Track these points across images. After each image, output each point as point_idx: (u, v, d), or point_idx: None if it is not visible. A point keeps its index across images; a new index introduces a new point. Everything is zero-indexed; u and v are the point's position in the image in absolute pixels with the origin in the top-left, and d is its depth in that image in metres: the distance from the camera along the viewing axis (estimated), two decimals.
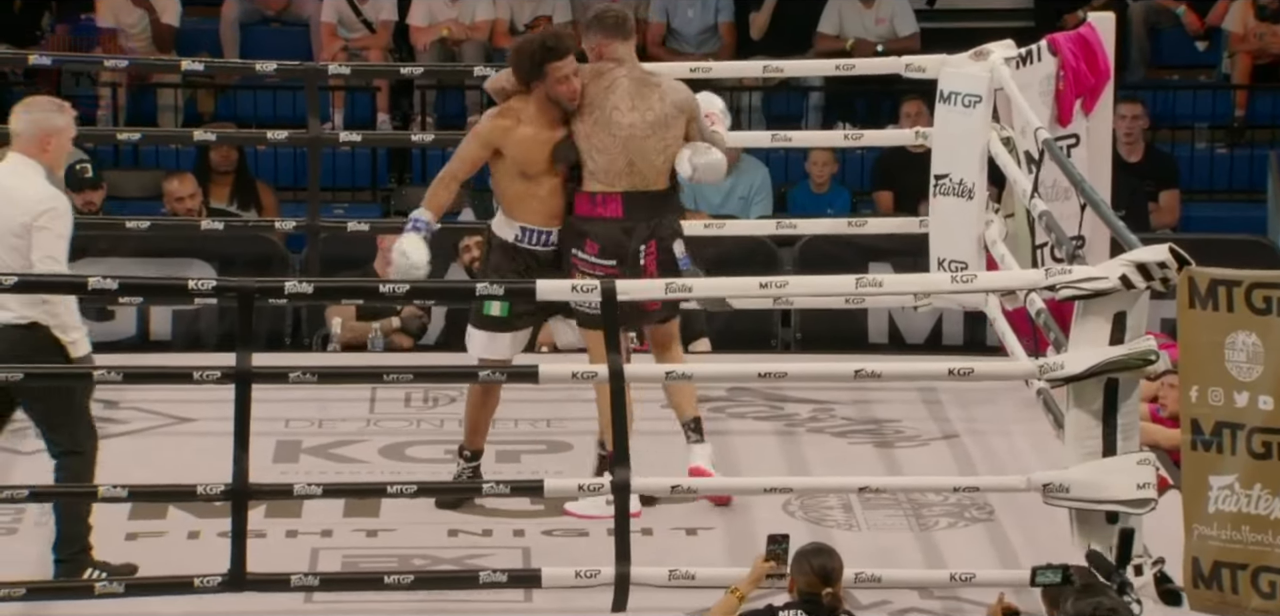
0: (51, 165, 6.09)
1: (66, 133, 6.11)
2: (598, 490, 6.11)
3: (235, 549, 5.90)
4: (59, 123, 6.08)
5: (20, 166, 6.06)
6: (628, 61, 6.61)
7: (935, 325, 9.23)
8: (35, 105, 6.15)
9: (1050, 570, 5.37)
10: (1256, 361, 5.57)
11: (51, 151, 6.06)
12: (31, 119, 6.07)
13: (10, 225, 5.98)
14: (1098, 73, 7.40)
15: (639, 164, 6.52)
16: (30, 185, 6.01)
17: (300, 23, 11.46)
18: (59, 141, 6.08)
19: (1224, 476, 5.63)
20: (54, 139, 6.06)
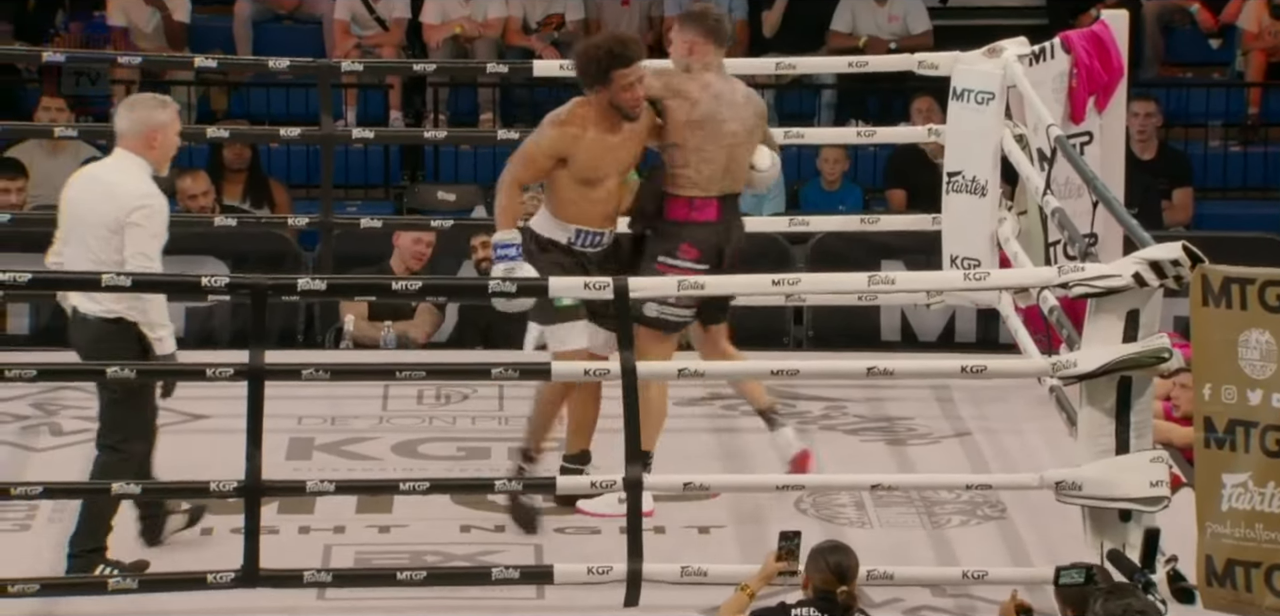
0: (157, 161, 6.15)
1: (171, 127, 6.19)
2: (609, 487, 6.11)
3: (248, 545, 5.91)
4: (163, 118, 6.15)
5: (124, 162, 6.14)
6: (719, 66, 6.62)
7: (948, 322, 9.22)
8: (139, 102, 6.25)
9: (1074, 570, 5.36)
10: (1270, 359, 5.56)
11: (157, 147, 6.13)
12: (135, 116, 6.15)
13: (105, 219, 6.06)
14: (1111, 70, 7.39)
15: (734, 169, 6.58)
16: (131, 181, 6.09)
17: (313, 20, 11.47)
18: (164, 136, 6.16)
19: (1237, 474, 5.62)
20: (159, 134, 6.14)
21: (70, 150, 10.17)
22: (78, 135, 9.63)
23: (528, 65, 8.62)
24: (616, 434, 6.09)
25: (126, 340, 6.06)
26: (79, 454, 6.80)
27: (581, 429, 6.60)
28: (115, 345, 6.05)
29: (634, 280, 6.05)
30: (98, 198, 6.13)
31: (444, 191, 10.54)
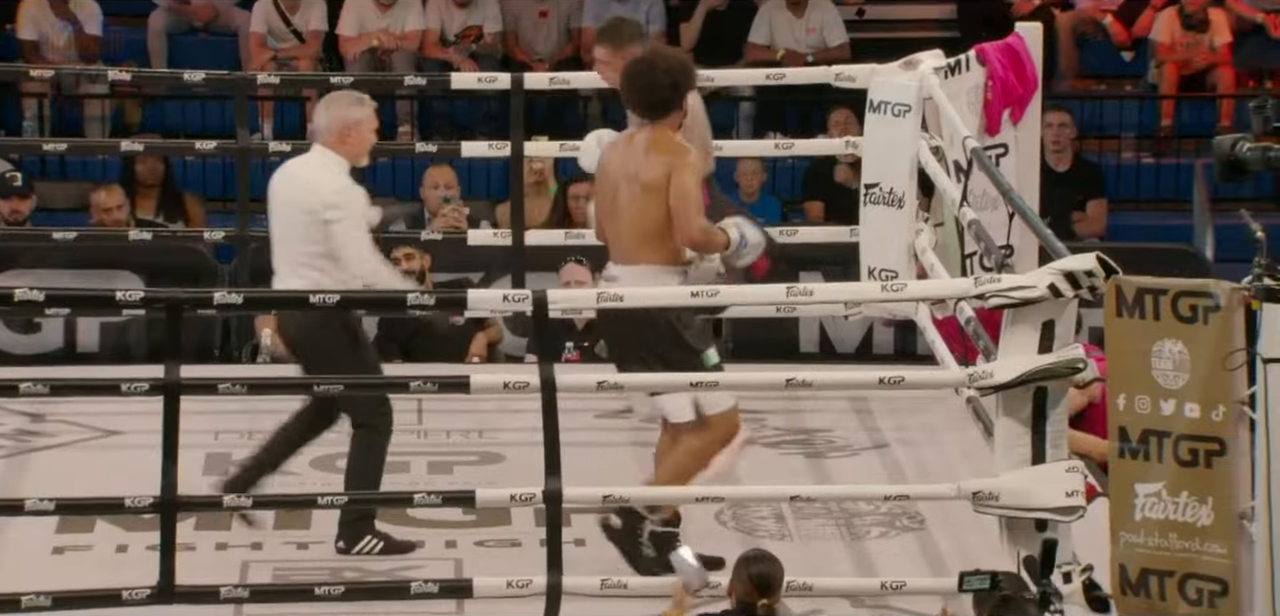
0: (351, 157, 6.35)
1: (367, 124, 6.40)
2: (529, 500, 6.09)
3: (164, 562, 5.86)
4: (358, 115, 6.37)
5: (321, 158, 6.37)
6: None
7: (866, 334, 9.27)
8: (335, 100, 6.43)
9: (978, 576, 5.39)
10: (1183, 369, 5.61)
11: (351, 143, 6.34)
12: (332, 113, 6.36)
13: (302, 209, 6.31)
14: (1025, 82, 7.44)
15: None
16: (325, 176, 6.32)
17: (229, 33, 11.40)
18: (358, 134, 6.37)
19: (1151, 484, 5.67)
20: (353, 131, 6.34)
21: None
22: None
23: (446, 78, 8.61)
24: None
25: (333, 325, 6.27)
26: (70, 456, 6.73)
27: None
28: (327, 332, 6.27)
29: (553, 295, 6.04)
30: (295, 191, 6.37)
31: None
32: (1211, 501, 5.60)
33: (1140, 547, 5.69)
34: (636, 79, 6.19)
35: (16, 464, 7.12)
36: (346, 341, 6.33)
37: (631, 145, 6.22)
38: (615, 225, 6.20)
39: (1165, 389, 5.63)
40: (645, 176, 6.14)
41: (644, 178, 6.13)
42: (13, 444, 7.28)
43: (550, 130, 9.52)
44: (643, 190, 6.13)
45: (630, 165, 6.18)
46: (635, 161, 6.17)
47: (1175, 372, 5.62)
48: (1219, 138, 5.50)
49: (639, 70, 6.22)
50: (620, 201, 6.17)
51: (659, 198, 6.11)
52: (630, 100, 6.22)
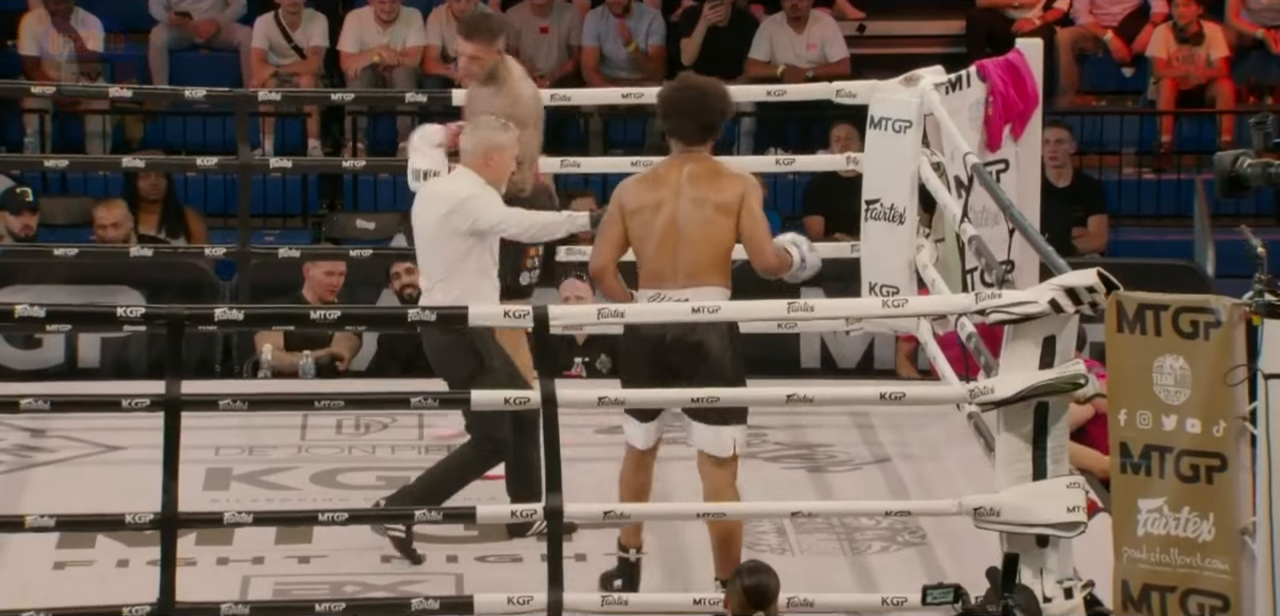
0: (494, 179, 6.62)
1: (510, 150, 6.68)
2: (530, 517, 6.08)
3: (164, 578, 5.86)
4: (502, 140, 6.65)
5: (462, 175, 6.64)
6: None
7: (867, 350, 9.26)
8: (482, 124, 6.72)
9: (940, 590, 5.38)
10: (1184, 385, 5.61)
11: (494, 166, 6.62)
12: (477, 136, 6.65)
13: (438, 222, 6.57)
14: (1026, 98, 7.45)
15: None
16: (459, 185, 6.61)
17: (230, 49, 11.40)
18: (500, 158, 6.64)
19: (1153, 499, 5.67)
20: (496, 155, 6.62)
21: None
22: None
23: (447, 94, 8.61)
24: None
25: (462, 344, 6.44)
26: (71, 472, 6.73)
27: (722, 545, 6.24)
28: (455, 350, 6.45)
29: (554, 310, 6.04)
30: (433, 207, 6.63)
31: (363, 220, 10.50)
32: (1213, 517, 5.60)
33: (1142, 563, 5.69)
34: (689, 105, 6.19)
35: (17, 479, 7.12)
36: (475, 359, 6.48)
37: (685, 169, 6.17)
38: (675, 250, 6.12)
39: (1166, 404, 5.62)
40: (719, 199, 6.14)
41: (717, 200, 6.13)
42: (13, 459, 7.28)
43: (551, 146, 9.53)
44: (717, 212, 6.13)
45: (695, 189, 6.14)
46: (701, 185, 6.15)
47: (1176, 388, 5.62)
48: (1220, 154, 5.50)
49: (691, 96, 6.22)
50: (687, 225, 6.12)
51: (732, 221, 6.14)
52: (681, 126, 6.19)
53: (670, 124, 6.22)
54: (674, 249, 6.13)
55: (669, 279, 6.13)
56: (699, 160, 6.20)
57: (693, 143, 6.20)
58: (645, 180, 6.25)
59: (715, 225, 6.12)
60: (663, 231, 6.13)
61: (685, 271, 6.12)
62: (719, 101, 6.23)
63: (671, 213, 6.13)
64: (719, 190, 6.14)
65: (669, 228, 6.13)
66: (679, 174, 6.18)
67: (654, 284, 6.15)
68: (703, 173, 6.17)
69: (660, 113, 6.26)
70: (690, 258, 6.12)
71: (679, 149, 6.22)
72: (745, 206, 6.14)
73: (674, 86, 6.31)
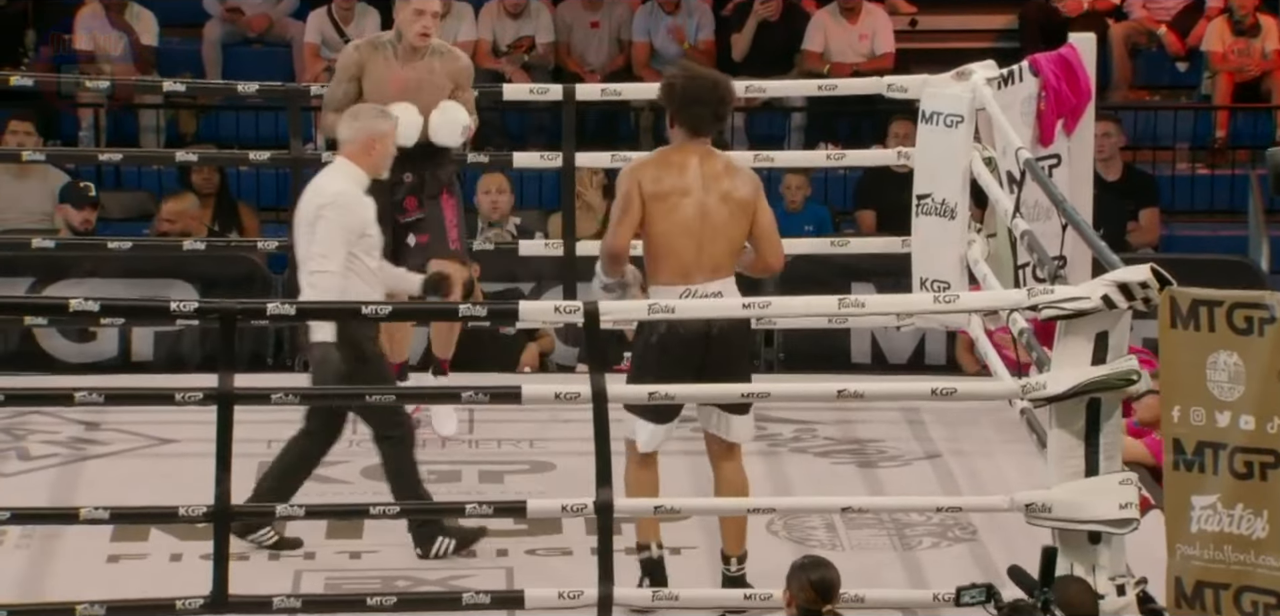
0: (373, 169, 6.46)
1: (391, 137, 6.51)
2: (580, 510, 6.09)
3: (217, 571, 5.89)
4: (384, 128, 6.47)
5: (338, 166, 6.45)
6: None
7: (918, 345, 9.24)
8: (361, 112, 6.53)
9: (975, 589, 5.36)
10: (1238, 381, 5.58)
11: (375, 155, 6.43)
12: (358, 126, 6.46)
13: (306, 216, 6.38)
14: (1079, 93, 7.41)
15: None
16: (331, 180, 6.39)
17: (283, 43, 11.45)
18: (383, 147, 6.46)
19: (1206, 496, 5.64)
20: (378, 144, 6.44)
21: (37, 174, 10.13)
22: (46, 159, 9.62)
23: (498, 88, 8.62)
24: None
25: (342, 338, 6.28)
26: (47, 478, 6.79)
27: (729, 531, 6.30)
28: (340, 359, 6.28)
29: (604, 306, 6.03)
30: (309, 197, 6.43)
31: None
32: (1267, 514, 5.57)
33: (1196, 560, 5.66)
34: (705, 94, 6.16)
35: (71, 472, 7.17)
36: (355, 358, 6.30)
37: (702, 163, 6.15)
38: (700, 243, 6.12)
39: (1220, 401, 5.59)
40: (739, 194, 6.15)
41: (738, 196, 6.15)
42: (68, 452, 7.33)
43: (602, 141, 9.53)
44: (739, 207, 6.14)
45: (718, 183, 6.14)
46: (722, 179, 6.14)
47: (1230, 384, 5.59)
48: (1273, 149, 5.47)
49: (706, 85, 6.20)
50: (714, 218, 6.12)
51: (748, 218, 6.15)
52: (696, 115, 6.15)
53: (685, 113, 6.16)
54: (699, 242, 6.12)
55: (695, 274, 6.13)
56: (710, 153, 6.20)
57: (705, 133, 6.18)
58: (662, 165, 6.19)
59: (737, 220, 6.15)
60: (689, 223, 6.11)
61: (710, 265, 6.13)
62: (729, 91, 6.25)
63: (700, 204, 6.12)
64: (737, 185, 6.16)
65: (697, 220, 6.12)
66: (697, 164, 6.16)
67: (681, 278, 6.12)
68: (721, 167, 6.18)
69: (671, 101, 6.19)
70: (715, 251, 6.13)
71: (687, 138, 6.18)
72: (762, 205, 6.19)
73: (685, 75, 6.27)
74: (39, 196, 10.15)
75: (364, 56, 7.11)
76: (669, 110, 6.21)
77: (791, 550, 6.44)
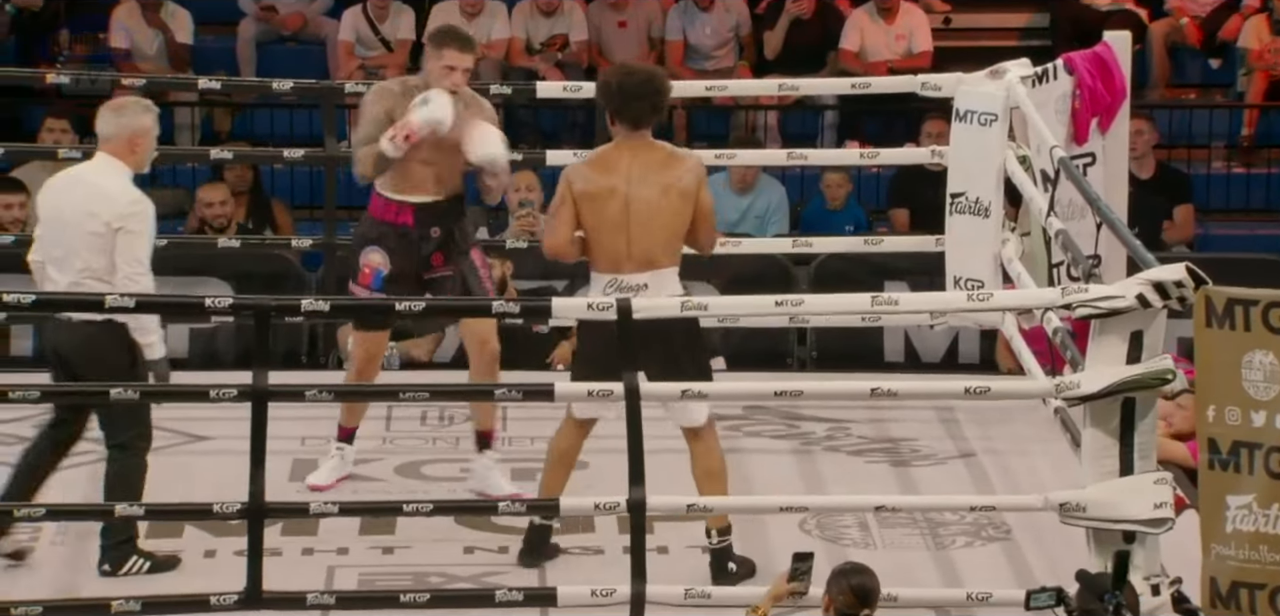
0: (138, 165, 6.25)
1: (154, 132, 6.31)
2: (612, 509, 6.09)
3: (251, 567, 5.91)
4: (146, 123, 6.26)
5: (108, 165, 6.23)
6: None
7: (951, 343, 9.22)
8: (124, 107, 6.31)
9: (1045, 593, 5.35)
10: (1274, 381, 5.56)
11: (139, 152, 6.23)
12: (121, 121, 6.24)
13: (94, 223, 6.13)
14: (1114, 91, 7.39)
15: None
16: (118, 184, 6.18)
17: (317, 41, 11.48)
18: (146, 142, 6.27)
19: (1242, 496, 5.62)
20: (142, 140, 6.25)
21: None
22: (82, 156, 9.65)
23: (532, 86, 8.63)
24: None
25: (115, 341, 6.11)
26: (85, 474, 6.82)
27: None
28: (105, 347, 6.10)
29: (637, 302, 6.04)
30: (84, 200, 6.18)
31: None
32: None
33: (1231, 560, 5.64)
34: (642, 88, 6.27)
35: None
36: (129, 360, 6.16)
37: (638, 155, 6.26)
38: (629, 235, 6.24)
39: (1256, 400, 5.57)
40: (681, 184, 6.26)
41: (680, 186, 6.26)
42: (102, 449, 7.35)
43: None
44: (680, 197, 6.25)
45: (654, 174, 6.25)
46: (659, 170, 6.26)
47: (1266, 384, 5.56)
48: None
49: (642, 80, 6.31)
50: (646, 210, 6.23)
51: (691, 205, 6.26)
52: (635, 109, 6.25)
53: (624, 108, 6.27)
54: (628, 235, 6.24)
55: (624, 265, 6.26)
56: (650, 145, 6.30)
57: (643, 126, 6.28)
58: (595, 164, 6.34)
59: (675, 210, 6.25)
60: (616, 217, 6.24)
61: (641, 258, 6.24)
62: (666, 83, 6.36)
63: (624, 199, 6.24)
64: (679, 175, 6.26)
65: (622, 213, 6.23)
66: (630, 159, 6.27)
67: (610, 270, 6.26)
68: (658, 158, 6.29)
69: (607, 98, 6.31)
70: (645, 242, 6.23)
71: (626, 134, 6.28)
72: (703, 193, 6.29)
73: (622, 72, 6.40)
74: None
75: (392, 102, 6.80)
76: (608, 108, 6.31)
77: (824, 549, 6.43)
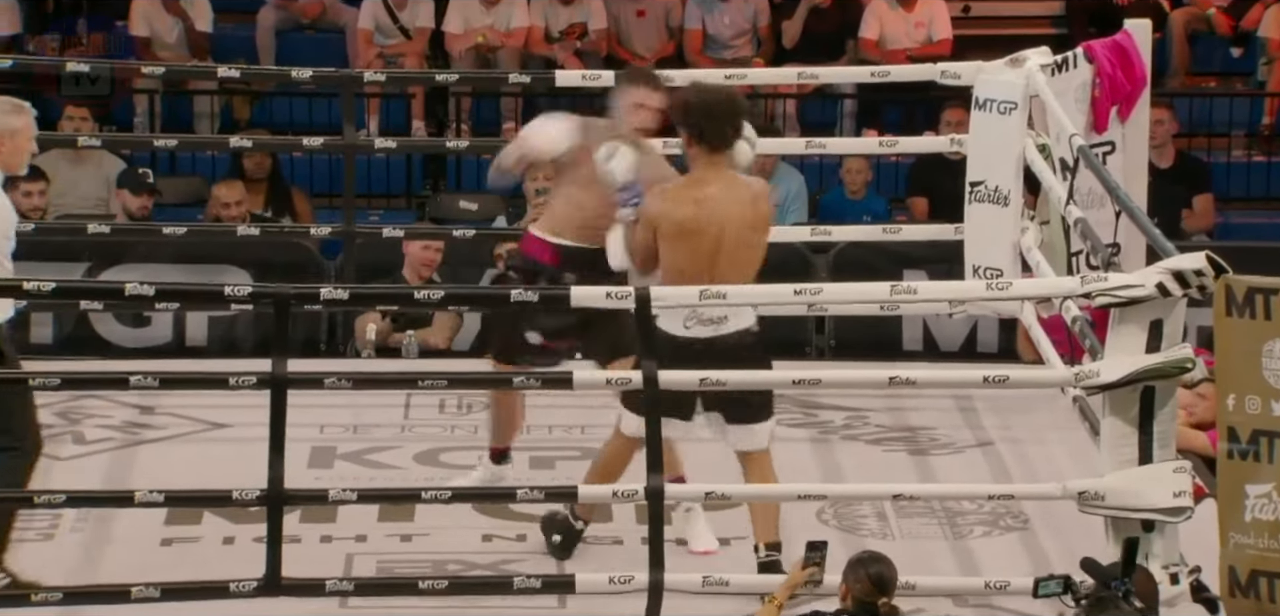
0: (8, 166, 6.16)
1: (24, 133, 6.17)
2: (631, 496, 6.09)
3: (270, 554, 5.92)
4: (16, 123, 6.14)
5: None
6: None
7: (970, 332, 9.21)
8: None
9: (1053, 581, 5.35)
10: None
11: (6, 152, 6.12)
12: None
13: None
14: (1134, 80, 7.37)
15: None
16: None
17: (336, 29, 11.49)
18: (14, 143, 6.14)
19: (1261, 485, 5.61)
20: (10, 141, 6.13)
21: (93, 160, 10.20)
22: (101, 144, 9.68)
23: (550, 75, 8.63)
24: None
25: None
26: (101, 462, 6.84)
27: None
28: None
29: (656, 291, 6.03)
30: None
31: (466, 201, 10.55)
32: None
33: (1250, 548, 5.63)
34: (722, 108, 5.99)
35: (126, 456, 7.22)
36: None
37: (734, 187, 6.02)
38: (718, 268, 5.99)
39: (1276, 389, 5.56)
40: (757, 217, 6.03)
41: (756, 219, 6.03)
42: (123, 436, 7.38)
43: None
44: (754, 229, 6.03)
45: (740, 210, 5.99)
46: (744, 206, 6.00)
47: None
48: None
49: (722, 99, 6.05)
50: (735, 245, 5.98)
51: (766, 234, 6.06)
52: (716, 130, 5.97)
53: (705, 128, 5.96)
54: (714, 269, 5.98)
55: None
56: (728, 175, 6.02)
57: (722, 149, 6.00)
58: (684, 201, 6.00)
59: (755, 251, 6.04)
60: (708, 252, 5.97)
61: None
62: (742, 107, 6.10)
63: (717, 237, 5.97)
64: (757, 210, 6.03)
65: (714, 249, 5.98)
66: (722, 192, 5.97)
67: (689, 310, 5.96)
68: (743, 193, 5.99)
69: (686, 118, 5.99)
70: (730, 277, 5.96)
71: (707, 157, 5.99)
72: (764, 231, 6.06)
73: (701, 90, 6.11)
74: (94, 182, 10.22)
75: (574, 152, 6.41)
76: (686, 129, 6.00)
77: (841, 539, 6.43)
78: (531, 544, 6.51)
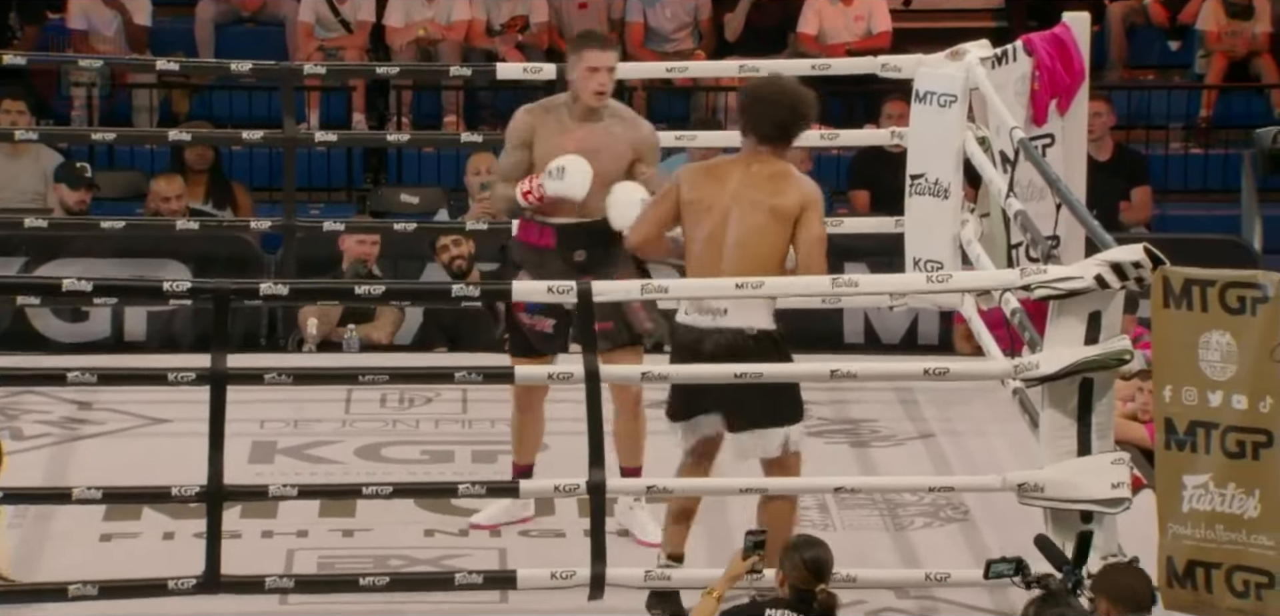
0: None
1: None
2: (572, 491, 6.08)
3: (210, 550, 5.89)
4: None
5: None
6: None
7: (911, 325, 9.24)
8: None
9: (1004, 563, 5.37)
10: (1230, 361, 5.58)
11: None
12: None
13: None
14: (1073, 73, 7.41)
15: None
16: None
17: (276, 22, 11.43)
18: None
19: (1198, 475, 5.64)
20: None
21: (30, 154, 10.12)
22: (38, 138, 9.60)
23: (491, 68, 8.62)
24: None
25: None
26: (40, 458, 6.79)
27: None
28: None
29: (598, 285, 6.03)
30: None
31: (407, 194, 10.52)
32: (1259, 493, 5.58)
33: (1187, 539, 5.67)
34: (766, 102, 6.02)
35: (64, 451, 7.17)
36: None
37: (749, 169, 6.01)
38: (720, 251, 5.96)
39: (1212, 380, 5.60)
40: (774, 202, 5.96)
41: (772, 204, 5.96)
42: (60, 432, 7.33)
43: None
44: (771, 217, 5.95)
45: (754, 190, 5.96)
46: (760, 187, 5.96)
47: (1222, 364, 5.59)
48: (1259, 131, 5.48)
49: (770, 94, 6.04)
50: (744, 230, 5.94)
51: (787, 230, 5.95)
52: (756, 121, 5.99)
53: (747, 117, 6.02)
54: (719, 250, 5.98)
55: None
56: (765, 161, 6.01)
57: (764, 141, 6.00)
58: (708, 171, 6.09)
59: (768, 232, 5.95)
60: (713, 232, 5.98)
61: (729, 276, 5.94)
62: (800, 103, 6.05)
63: (725, 215, 5.97)
64: (776, 194, 5.97)
65: (720, 229, 5.98)
66: (742, 173, 6.01)
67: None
68: (765, 175, 5.98)
69: (740, 103, 6.10)
70: (738, 265, 5.93)
71: (749, 147, 6.04)
72: (803, 218, 5.96)
73: (763, 81, 6.15)
74: (32, 176, 10.14)
75: (535, 120, 6.48)
76: (739, 116, 6.08)
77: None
78: (473, 539, 6.50)
